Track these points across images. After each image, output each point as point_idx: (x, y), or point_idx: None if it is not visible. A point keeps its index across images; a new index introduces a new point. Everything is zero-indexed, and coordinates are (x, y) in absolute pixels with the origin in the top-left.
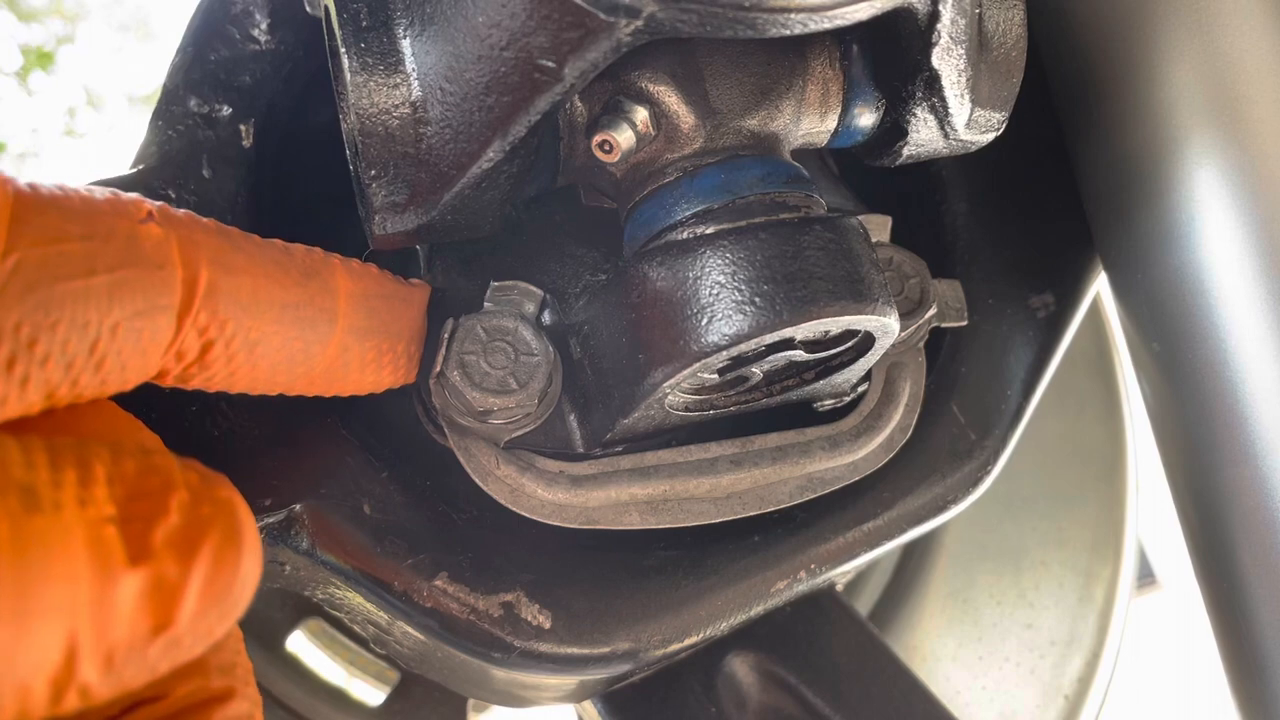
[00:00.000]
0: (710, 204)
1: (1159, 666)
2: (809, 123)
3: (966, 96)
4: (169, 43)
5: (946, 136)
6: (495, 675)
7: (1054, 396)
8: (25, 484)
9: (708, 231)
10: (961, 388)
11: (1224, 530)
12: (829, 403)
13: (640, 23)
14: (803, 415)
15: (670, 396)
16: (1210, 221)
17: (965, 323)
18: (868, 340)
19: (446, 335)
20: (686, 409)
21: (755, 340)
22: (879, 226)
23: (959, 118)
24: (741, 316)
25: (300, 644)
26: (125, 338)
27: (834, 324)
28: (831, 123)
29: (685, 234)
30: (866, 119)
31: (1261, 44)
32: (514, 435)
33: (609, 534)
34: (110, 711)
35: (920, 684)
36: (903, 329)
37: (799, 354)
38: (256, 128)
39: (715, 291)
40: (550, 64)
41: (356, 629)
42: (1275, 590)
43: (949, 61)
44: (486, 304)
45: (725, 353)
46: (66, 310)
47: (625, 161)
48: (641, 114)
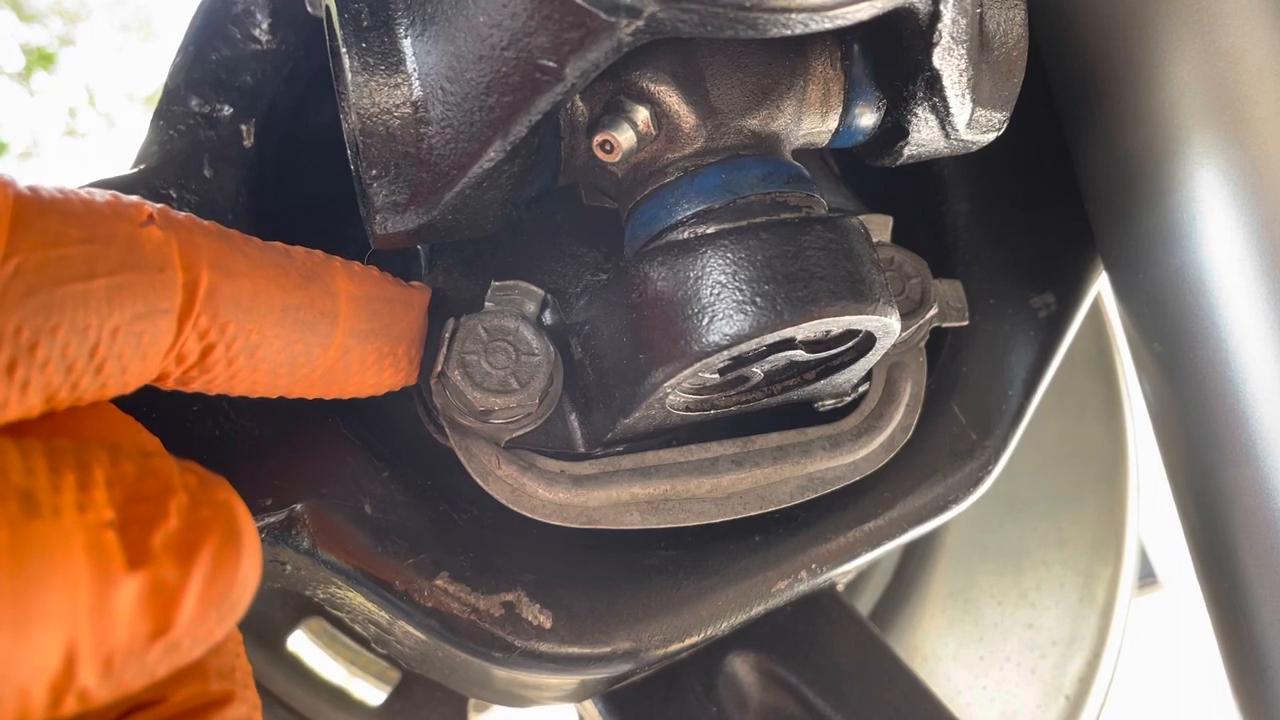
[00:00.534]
0: (711, 204)
1: (1160, 666)
2: (810, 123)
3: (968, 96)
4: (170, 43)
5: (948, 136)
6: (496, 675)
7: (1055, 397)
8: (24, 489)
9: (709, 231)
10: (962, 388)
11: (1225, 530)
12: (830, 403)
13: (641, 23)
14: (804, 415)
15: (671, 396)
16: (1211, 221)
17: (966, 323)
18: (869, 340)
19: (448, 335)
20: (687, 409)
21: (756, 340)
22: (880, 226)
23: (960, 117)
24: (742, 316)
25: (301, 643)
26: (126, 341)
27: (835, 324)
28: (832, 123)
29: (686, 234)
30: (867, 119)
31: (1262, 44)
32: (515, 435)
33: (610, 534)
34: (108, 715)
35: (921, 684)
36: (904, 329)
37: (800, 354)
38: (258, 127)
39: (716, 291)
40: (551, 64)
41: (357, 629)
42: (1276, 590)
43: (950, 61)
44: (487, 304)
45: (726, 352)
46: (67, 314)
47: (626, 161)
48: (642, 114)
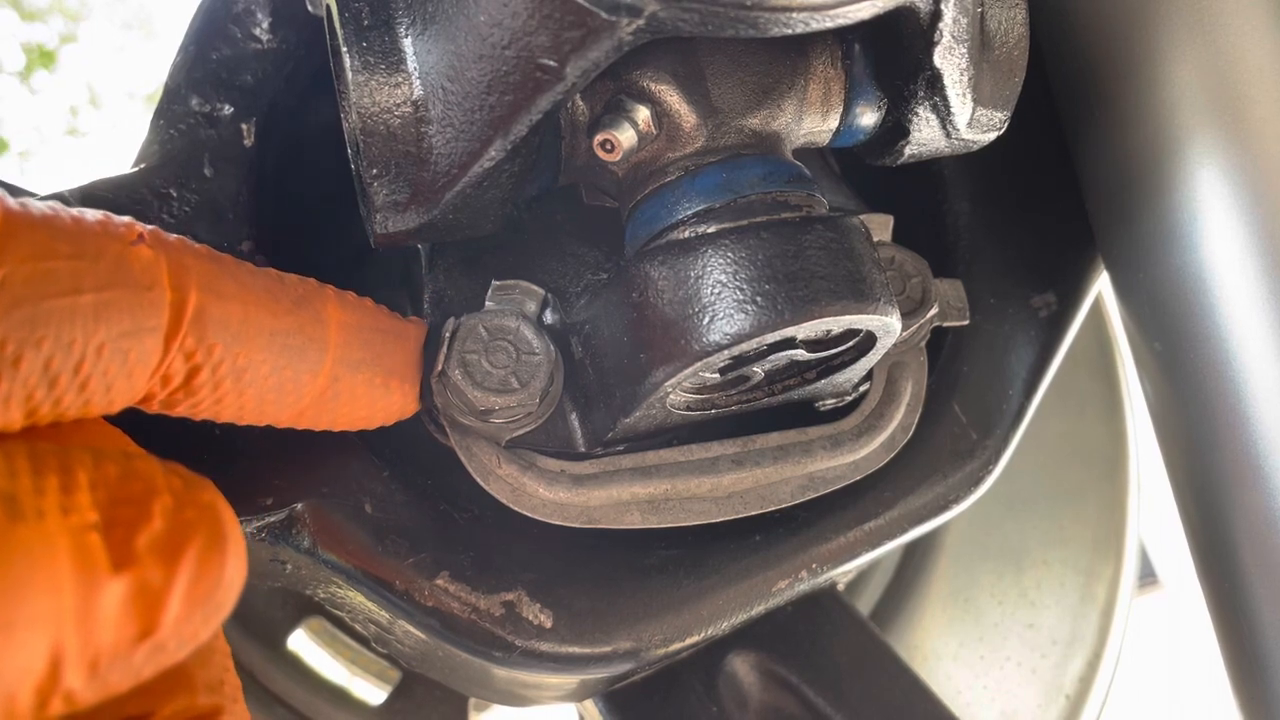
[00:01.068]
0: (712, 203)
1: (1160, 666)
2: (811, 122)
3: (968, 95)
4: (171, 41)
5: (948, 136)
6: (496, 674)
7: (1056, 396)
8: (7, 492)
9: (709, 230)
10: (963, 387)
11: (1226, 530)
12: (830, 402)
13: (642, 22)
14: (804, 415)
15: (672, 396)
16: (1212, 221)
17: (967, 322)
18: (869, 340)
19: (448, 334)
20: (688, 408)
21: (757, 339)
22: (881, 226)
23: (961, 117)
24: (743, 316)
25: (302, 643)
26: (111, 358)
27: (835, 323)
28: (833, 122)
29: (687, 233)
30: (868, 118)
31: (1263, 44)
32: (515, 434)
33: (610, 533)
34: None
35: (921, 683)
36: (904, 328)
37: (800, 353)
38: (258, 127)
39: (717, 291)
40: (552, 63)
41: (358, 628)
42: (1276, 590)
43: (951, 60)
44: (488, 303)
45: (727, 352)
46: (52, 328)
47: (627, 160)
48: (643, 113)
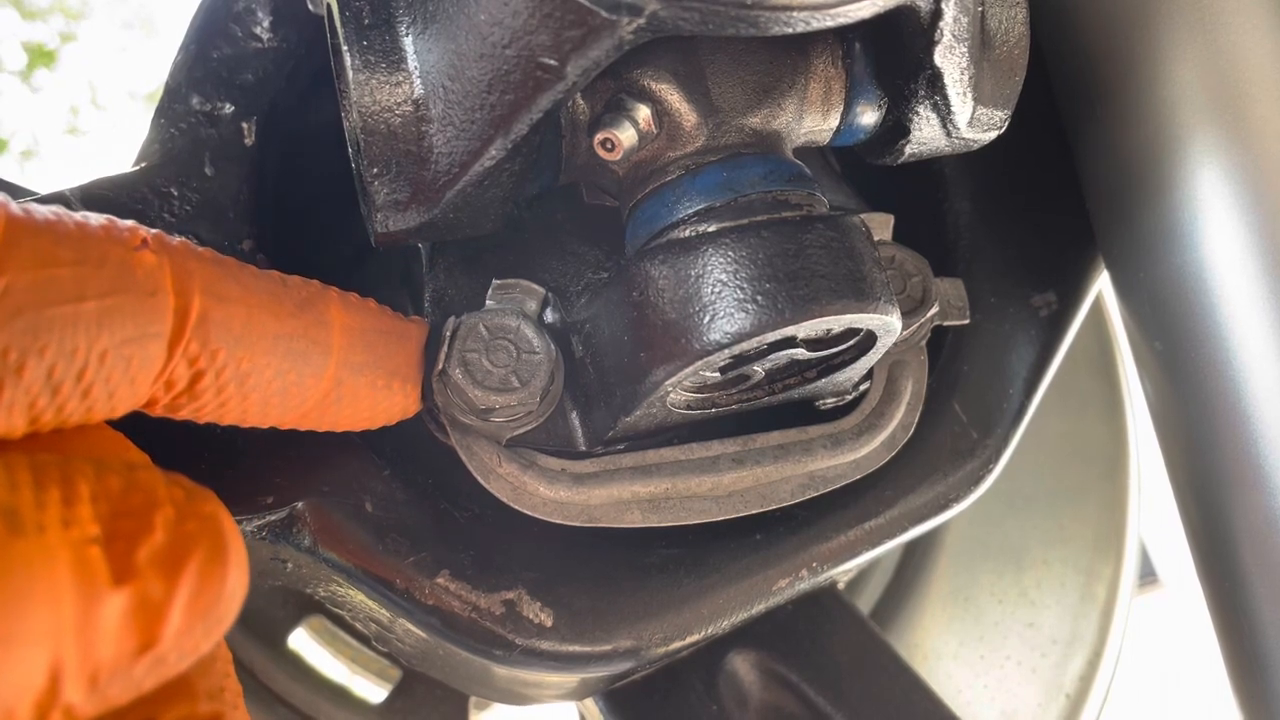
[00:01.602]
0: (712, 202)
1: (1161, 665)
2: (811, 121)
3: (969, 94)
4: (172, 40)
5: (949, 135)
6: (497, 673)
7: (1056, 395)
8: (8, 506)
9: (710, 230)
10: (963, 386)
11: (1226, 529)
12: (831, 401)
13: (642, 21)
14: (805, 414)
15: (672, 395)
16: (1213, 220)
17: (967, 321)
18: (870, 339)
19: (449, 333)
20: (688, 407)
21: (757, 338)
22: (881, 225)
23: (961, 116)
24: (743, 315)
25: (302, 641)
26: (114, 365)
27: (836, 322)
28: (834, 121)
29: (687, 232)
30: (869, 117)
31: (1264, 42)
32: (516, 433)
33: (611, 532)
34: None
35: (922, 682)
36: (905, 327)
37: (801, 352)
38: (259, 126)
39: (717, 290)
40: (552, 62)
41: (358, 627)
42: (1277, 589)
43: (952, 60)
44: (489, 302)
45: (727, 351)
46: (55, 335)
47: (627, 160)
48: (644, 112)
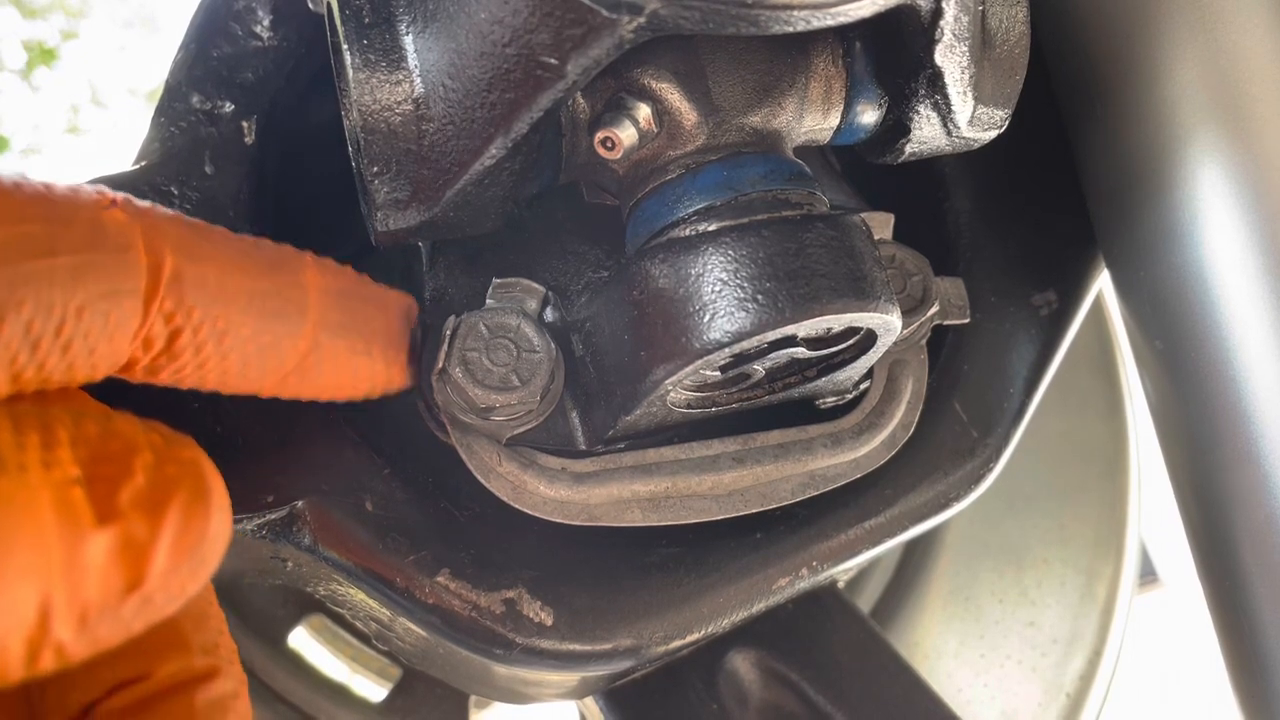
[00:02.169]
0: (712, 201)
1: (1161, 664)
2: (811, 120)
3: (969, 94)
4: (172, 39)
5: (949, 134)
6: (497, 672)
7: (1056, 394)
8: None
9: (710, 229)
10: (964, 385)
11: (1226, 528)
12: (831, 400)
13: (643, 20)
14: (805, 413)
15: (672, 394)
16: (1213, 219)
17: (967, 320)
18: (870, 338)
19: (449, 332)
20: (688, 406)
21: (757, 338)
22: (881, 224)
23: (962, 115)
24: (744, 314)
25: (302, 640)
26: (92, 320)
27: (836, 321)
28: (834, 120)
29: (688, 231)
30: (869, 116)
31: (1265, 41)
32: (516, 432)
33: (611, 531)
34: (93, 693)
35: (922, 681)
36: (905, 326)
37: (801, 351)
38: (259, 124)
39: (717, 289)
40: (553, 61)
41: (358, 625)
42: (1277, 588)
43: (952, 59)
44: (489, 301)
45: (727, 350)
46: (30, 290)
47: (628, 159)
48: (644, 111)
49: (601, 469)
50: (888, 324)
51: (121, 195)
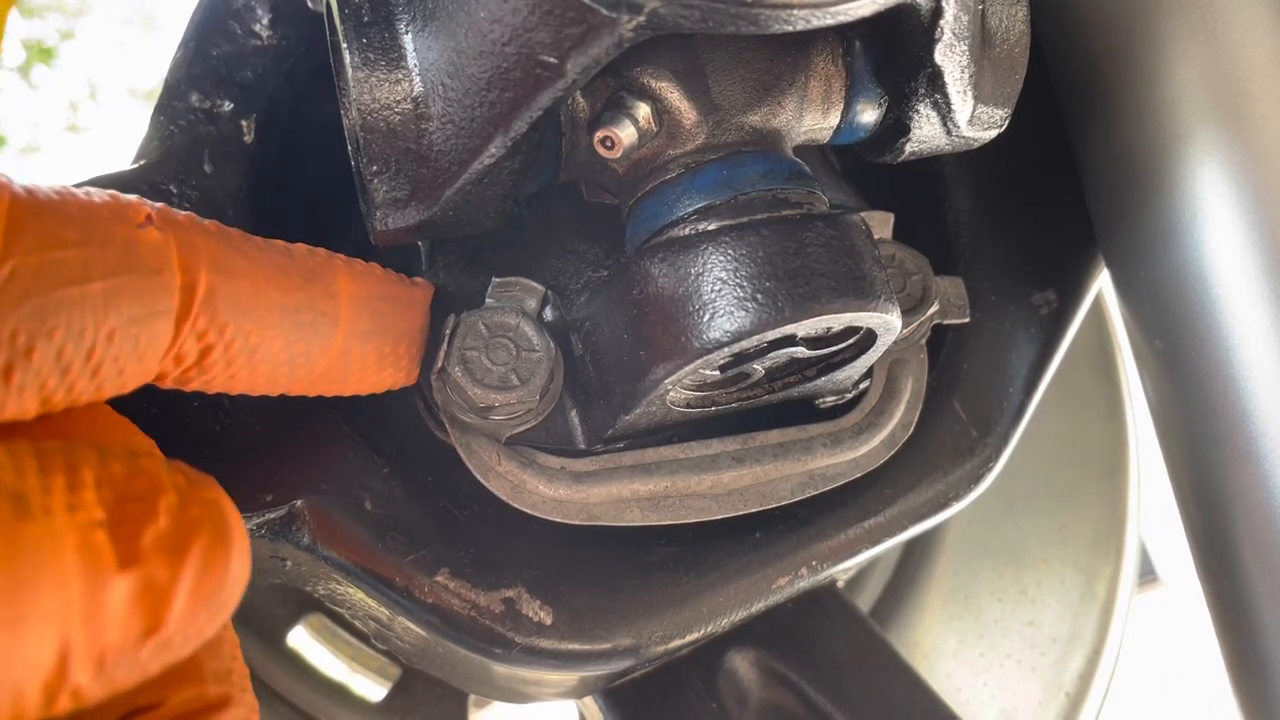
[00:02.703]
0: (712, 200)
1: (1160, 664)
2: (811, 119)
3: (969, 93)
4: (171, 37)
5: (949, 133)
6: (496, 671)
7: (1056, 394)
8: (15, 490)
9: (710, 228)
10: (963, 385)
11: (1226, 528)
12: (831, 399)
13: (642, 19)
14: (804, 412)
15: (672, 393)
16: (1213, 218)
17: (967, 320)
18: (870, 337)
19: (448, 331)
20: (688, 405)
21: (757, 337)
22: (881, 223)
23: (962, 114)
24: (743, 313)
25: (301, 639)
26: (122, 344)
27: (836, 321)
28: (834, 119)
29: (687, 230)
30: (869, 115)
31: (1265, 41)
32: (515, 431)
33: (610, 530)
34: (105, 718)
35: (921, 681)
36: (905, 326)
37: (801, 351)
38: (258, 123)
39: (717, 288)
40: (552, 60)
41: (358, 625)
42: (1277, 588)
43: (952, 58)
44: (488, 300)
45: (727, 349)
46: (63, 317)
47: (627, 158)
48: (644, 110)
49: (601, 468)
50: (887, 323)
51: (158, 209)
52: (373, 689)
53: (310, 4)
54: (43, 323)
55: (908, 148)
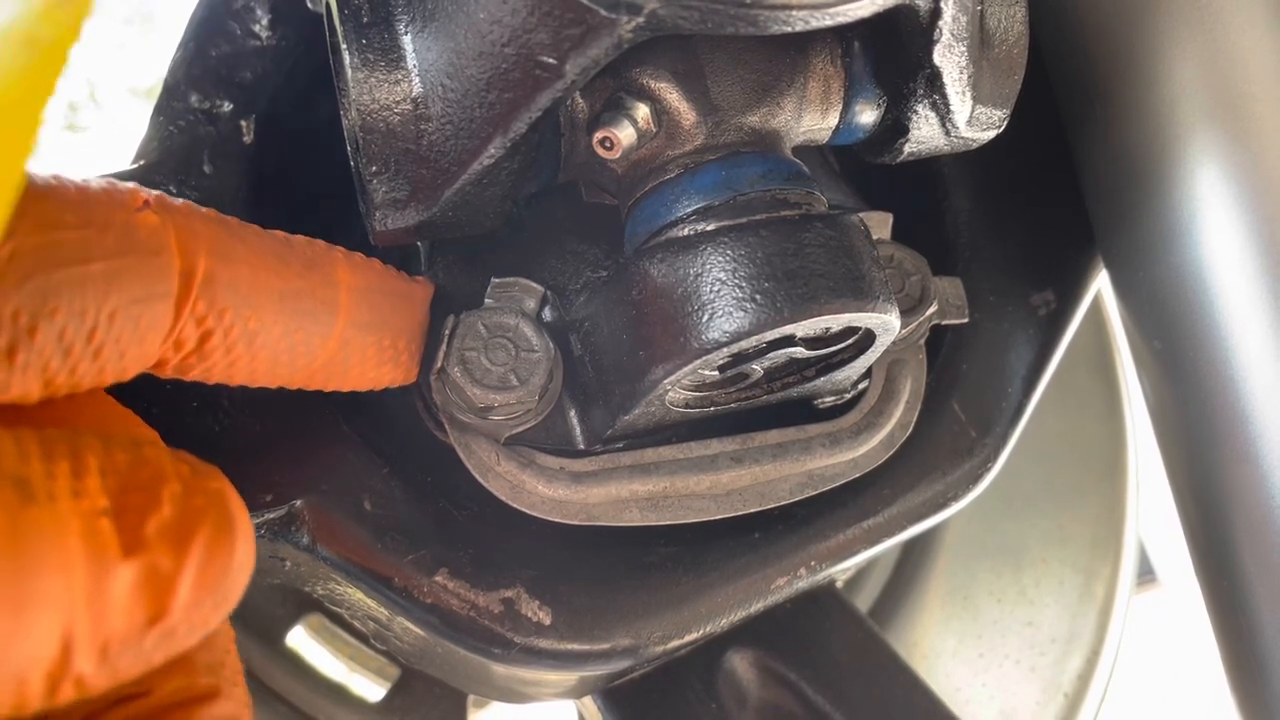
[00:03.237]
0: (711, 201)
1: (1159, 664)
2: (810, 120)
3: (968, 94)
4: (171, 38)
5: (948, 134)
6: (495, 671)
7: (1055, 394)
8: (19, 476)
9: (709, 228)
10: (962, 385)
11: (1224, 528)
12: (829, 400)
13: (641, 19)
14: (803, 412)
15: (671, 393)
16: (1211, 219)
17: (966, 320)
18: (868, 338)
19: (447, 331)
20: (687, 405)
21: (756, 337)
22: (880, 224)
23: (960, 115)
24: (742, 313)
25: (301, 640)
26: (123, 325)
27: (835, 321)
28: (833, 120)
29: (686, 231)
30: (868, 116)
31: (1264, 41)
32: (515, 431)
33: (609, 530)
34: (94, 707)
35: (920, 681)
36: (903, 326)
37: (800, 351)
38: (258, 123)
39: (716, 288)
40: (551, 61)
41: (357, 625)
42: (1275, 588)
43: (951, 59)
44: (487, 300)
45: (726, 350)
46: (64, 298)
47: (626, 158)
48: (643, 111)
49: (600, 468)
50: (886, 324)
51: (155, 195)
52: (372, 689)
53: (310, 4)
54: (44, 303)
55: (906, 148)
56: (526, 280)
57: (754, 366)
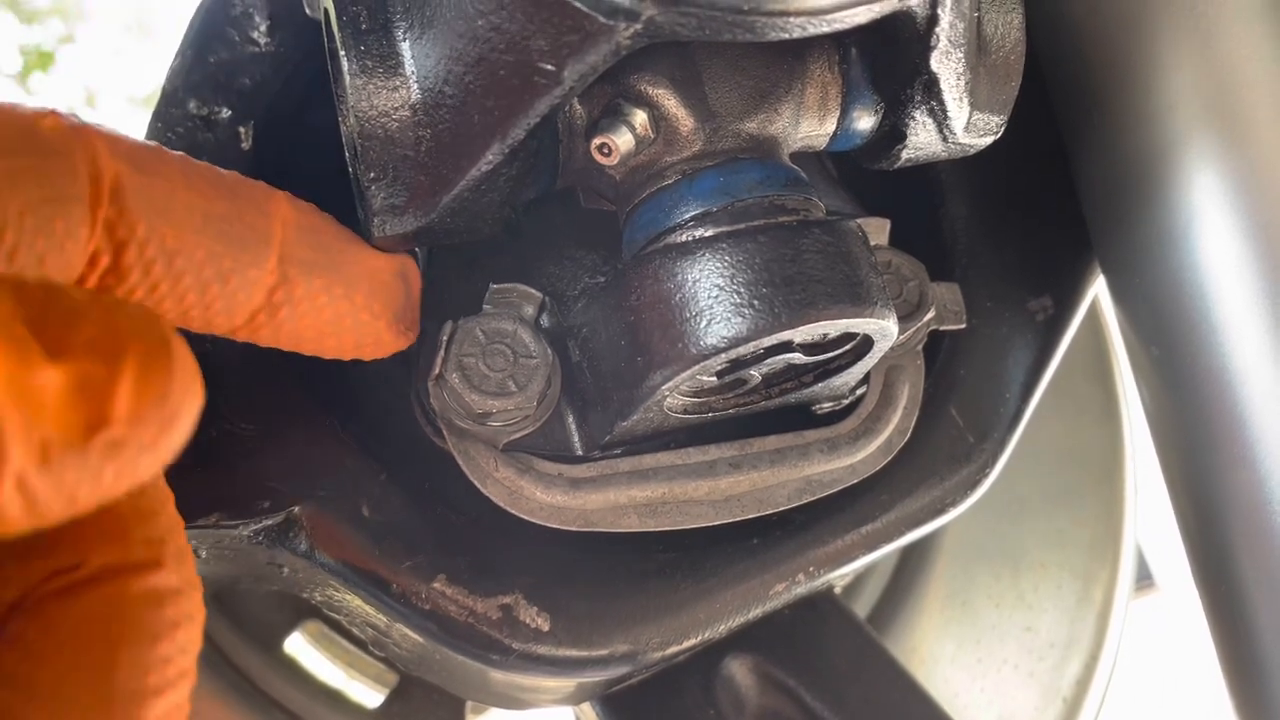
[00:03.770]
0: (709, 207)
1: (1157, 669)
2: (807, 126)
3: (965, 100)
4: (169, 44)
5: (945, 140)
6: (493, 677)
7: (1052, 400)
8: None
9: (706, 234)
10: (960, 391)
11: (1222, 533)
12: (827, 405)
13: (639, 26)
14: (801, 418)
15: (669, 399)
16: (1209, 225)
17: (964, 326)
18: (866, 343)
19: (445, 338)
20: (685, 411)
21: (754, 343)
22: (877, 229)
23: (958, 121)
24: (740, 319)
25: (298, 646)
26: (37, 226)
27: (832, 327)
28: (830, 126)
29: (684, 237)
30: (865, 122)
31: (1260, 48)
32: (513, 438)
33: (607, 536)
34: (31, 579)
35: (919, 686)
36: (901, 332)
37: (798, 357)
38: (256, 130)
39: (714, 294)
40: (549, 67)
41: (355, 631)
42: (1273, 593)
43: (948, 65)
44: (485, 306)
45: (724, 355)
46: None
47: (624, 164)
48: (640, 117)
49: (598, 474)
50: (884, 329)
51: (63, 108)
52: (370, 695)
53: (308, 11)
54: None
55: (904, 154)
56: (525, 286)
57: (752, 372)
